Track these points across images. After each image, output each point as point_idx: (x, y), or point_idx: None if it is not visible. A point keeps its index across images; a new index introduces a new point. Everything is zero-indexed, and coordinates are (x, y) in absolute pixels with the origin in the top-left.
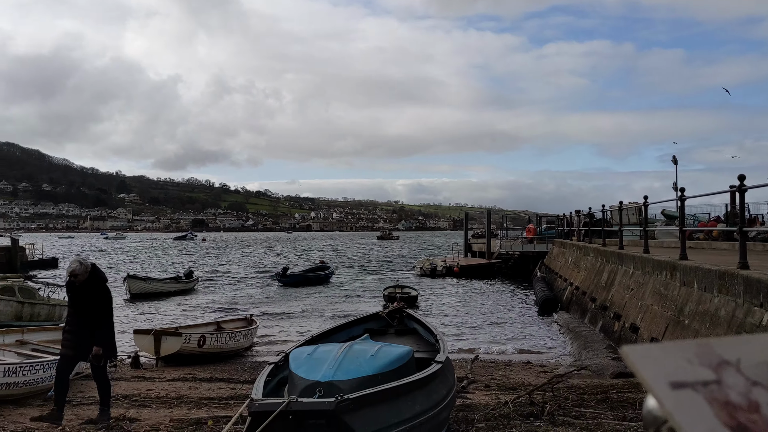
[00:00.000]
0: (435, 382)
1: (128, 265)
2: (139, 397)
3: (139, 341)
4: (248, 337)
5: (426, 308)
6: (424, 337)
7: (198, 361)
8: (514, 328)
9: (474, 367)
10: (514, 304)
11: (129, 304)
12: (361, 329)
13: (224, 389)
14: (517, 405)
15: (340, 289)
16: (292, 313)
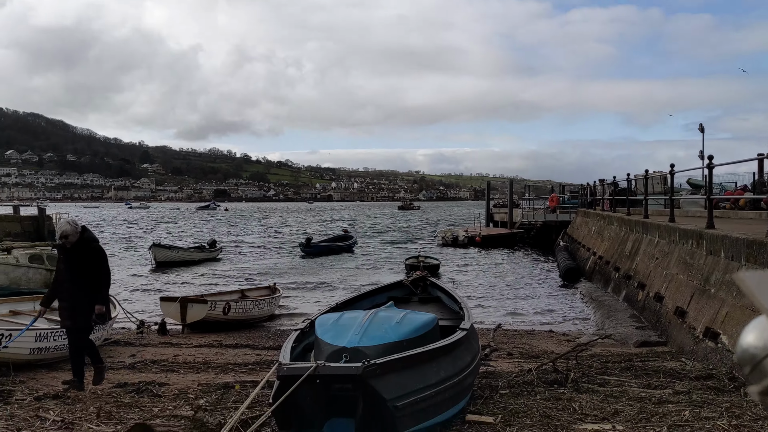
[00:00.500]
0: (460, 349)
1: (153, 234)
2: (167, 363)
3: (166, 308)
4: (272, 305)
5: (448, 278)
6: (447, 305)
7: (223, 328)
8: (537, 298)
9: (496, 335)
10: (536, 274)
11: (154, 272)
12: (385, 297)
13: (250, 355)
14: (541, 372)
15: (362, 259)
16: (315, 282)
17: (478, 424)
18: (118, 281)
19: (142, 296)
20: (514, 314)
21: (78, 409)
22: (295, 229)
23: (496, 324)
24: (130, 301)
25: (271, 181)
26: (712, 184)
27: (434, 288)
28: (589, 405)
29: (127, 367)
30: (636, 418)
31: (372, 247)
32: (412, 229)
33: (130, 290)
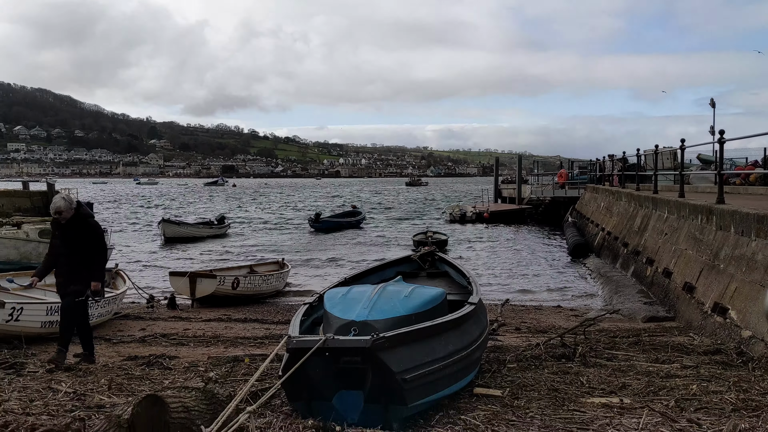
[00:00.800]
0: (468, 323)
1: (162, 209)
2: (177, 336)
3: (175, 283)
4: (280, 281)
5: (456, 253)
6: (456, 280)
7: (232, 302)
8: (545, 273)
9: (504, 310)
10: (544, 250)
11: (164, 247)
12: (393, 272)
13: (259, 329)
14: (549, 347)
15: (371, 235)
16: (324, 258)
17: (486, 397)
18: (128, 256)
19: (152, 271)
20: (522, 289)
21: (89, 381)
22: (303, 205)
23: (504, 299)
24: (140, 276)
25: (278, 157)
26: (723, 160)
27: (442, 263)
28: (596, 379)
29: (137, 340)
30: (643, 391)
31: (380, 223)
32: (420, 205)
33: (140, 265)
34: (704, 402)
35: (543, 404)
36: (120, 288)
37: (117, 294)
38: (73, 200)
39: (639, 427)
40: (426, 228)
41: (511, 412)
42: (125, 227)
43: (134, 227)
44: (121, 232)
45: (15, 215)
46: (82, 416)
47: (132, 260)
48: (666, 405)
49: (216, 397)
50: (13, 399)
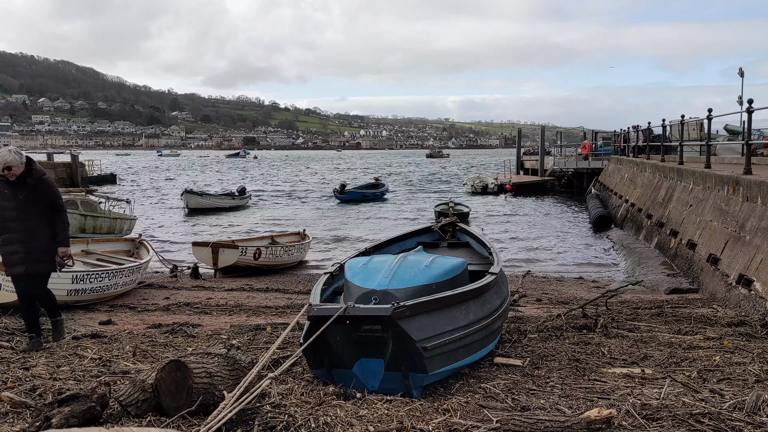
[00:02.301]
0: (489, 293)
1: (185, 180)
2: (200, 305)
3: (198, 253)
4: (302, 251)
5: (477, 225)
6: (477, 250)
7: (254, 273)
8: (567, 245)
9: (525, 281)
10: (567, 221)
11: (187, 218)
12: (414, 242)
13: (280, 299)
14: (570, 318)
15: (393, 206)
16: (346, 228)
17: (506, 367)
18: (152, 227)
19: (176, 240)
20: (544, 261)
21: (114, 348)
22: (325, 177)
23: (526, 270)
24: (164, 247)
25: (299, 129)
26: (751, 130)
27: (463, 233)
28: (618, 350)
29: (161, 309)
30: (665, 362)
31: (401, 195)
32: (441, 177)
33: (164, 235)
34: (727, 373)
35: (564, 374)
36: (144, 257)
37: (141, 263)
38: (23, 155)
39: (660, 396)
40: (448, 199)
41: (531, 381)
42: (149, 199)
43: (158, 199)
44: (144, 205)
45: None
46: (107, 381)
47: (156, 230)
48: (688, 376)
49: (238, 363)
50: (40, 365)
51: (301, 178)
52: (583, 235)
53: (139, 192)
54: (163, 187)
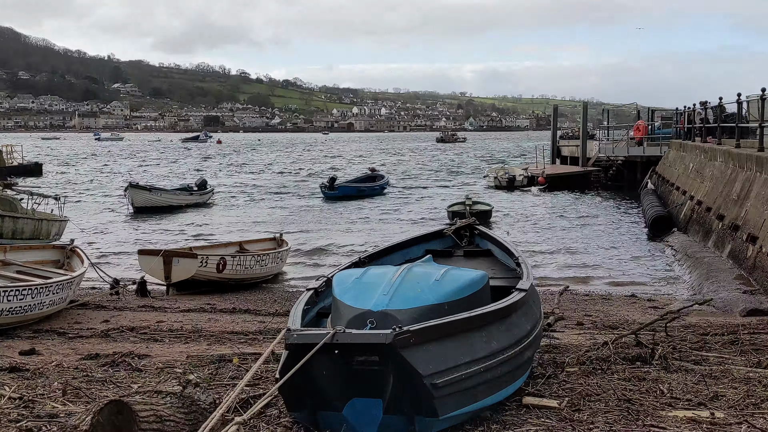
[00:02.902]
0: (516, 315)
1: (130, 171)
2: (148, 330)
3: (146, 264)
4: (278, 262)
5: (502, 227)
6: (501, 260)
7: (217, 289)
8: (616, 253)
9: (563, 300)
10: (615, 224)
11: (132, 219)
12: (421, 250)
13: (250, 323)
14: (620, 346)
15: (395, 203)
16: (335, 232)
17: (538, 409)
18: (87, 230)
19: (117, 249)
20: (586, 273)
21: (39, 385)
22: (308, 167)
23: (563, 285)
24: (102, 256)
25: (275, 106)
26: None
27: (484, 239)
28: (681, 387)
29: (99, 335)
30: (741, 403)
31: (405, 190)
32: (456, 167)
33: (102, 242)
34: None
35: (612, 418)
36: (77, 269)
37: (73, 277)
38: None
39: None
40: (464, 196)
41: (570, 427)
42: (83, 195)
43: (95, 195)
44: (79, 202)
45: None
46: (30, 427)
47: (92, 235)
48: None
49: (197, 405)
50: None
51: (277, 169)
52: (637, 241)
53: (72, 187)
54: (102, 181)
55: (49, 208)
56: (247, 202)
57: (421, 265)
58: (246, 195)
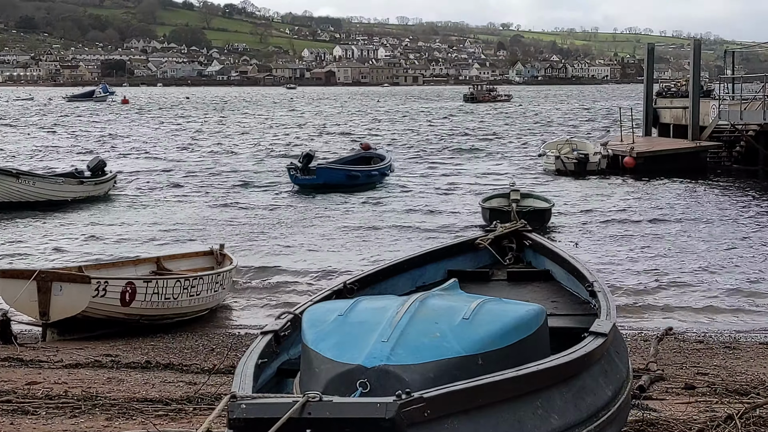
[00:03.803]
0: (590, 374)
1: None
2: (14, 396)
3: (11, 292)
4: (216, 289)
5: (568, 236)
6: (565, 288)
7: (122, 330)
8: (745, 277)
9: (662, 349)
10: (744, 231)
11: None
12: (441, 270)
13: (174, 384)
14: (753, 423)
15: (401, 198)
16: (307, 243)
17: None
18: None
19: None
20: (698, 307)
21: None
22: (267, 140)
23: (663, 327)
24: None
25: (213, 46)
26: None
27: (539, 253)
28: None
29: None
30: None
31: (415, 177)
32: (493, 140)
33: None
34: None
35: None
36: None
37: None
38: None
39: None
40: (509, 185)
41: None
42: None
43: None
44: None
45: None
46: None
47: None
48: None
49: None
50: None
51: (215, 143)
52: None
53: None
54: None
55: None
56: (169, 194)
57: (442, 295)
58: (166, 184)
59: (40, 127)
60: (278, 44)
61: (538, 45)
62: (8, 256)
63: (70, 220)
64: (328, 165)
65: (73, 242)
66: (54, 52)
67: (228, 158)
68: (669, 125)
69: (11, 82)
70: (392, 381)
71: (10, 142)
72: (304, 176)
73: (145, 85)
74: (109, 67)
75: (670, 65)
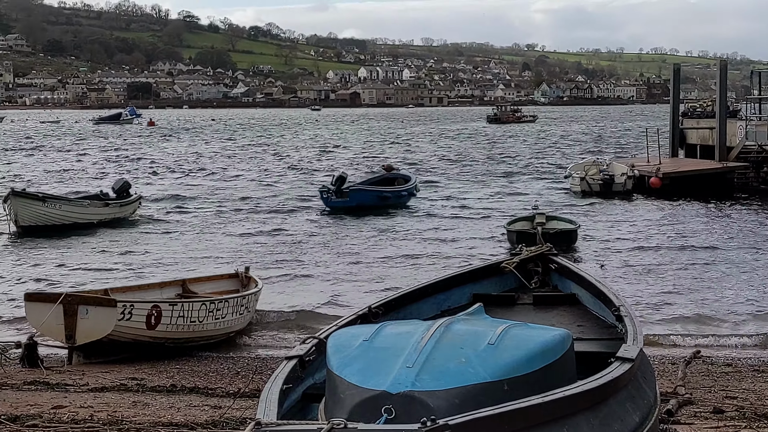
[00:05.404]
0: (618, 399)
1: (12, 171)
2: (40, 420)
3: (37, 315)
4: (242, 312)
5: (594, 258)
6: (592, 312)
7: (147, 353)
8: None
9: (690, 373)
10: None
11: (15, 244)
12: (466, 294)
13: (199, 408)
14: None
15: (426, 219)
16: (332, 266)
17: None
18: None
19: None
20: (727, 331)
21: None
22: (295, 159)
23: (691, 351)
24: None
25: (238, 68)
26: None
27: (565, 277)
28: None
29: None
30: None
31: (439, 198)
32: (518, 162)
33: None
34: None
35: None
36: None
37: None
38: None
39: None
40: (533, 208)
41: None
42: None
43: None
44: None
45: None
46: None
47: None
48: None
49: None
50: None
51: (245, 164)
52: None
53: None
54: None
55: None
56: (194, 217)
57: (467, 320)
58: (191, 206)
59: (66, 150)
60: (303, 66)
61: (563, 65)
62: (34, 280)
63: (95, 243)
64: (361, 187)
65: (98, 265)
66: (81, 75)
67: (255, 181)
68: (696, 146)
69: (39, 105)
70: (417, 407)
71: (36, 165)
72: (337, 199)
73: (170, 107)
74: (136, 90)
75: (697, 85)
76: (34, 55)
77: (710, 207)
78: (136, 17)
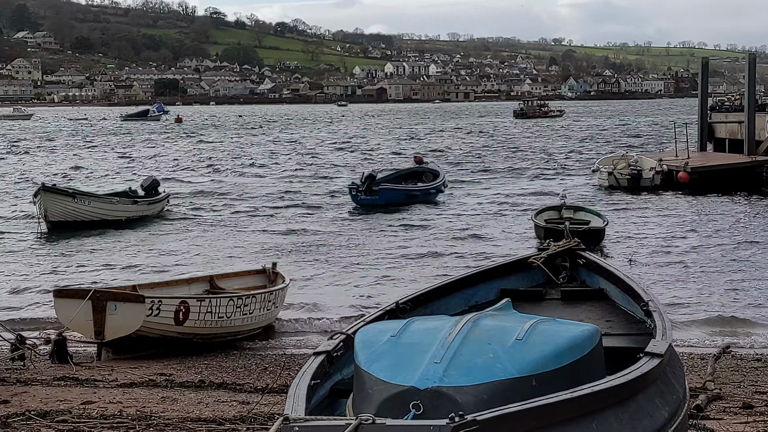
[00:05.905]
0: (647, 395)
1: (41, 166)
2: (70, 416)
3: (66, 311)
4: (269, 308)
5: (619, 253)
6: (621, 307)
7: (175, 349)
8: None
9: (720, 368)
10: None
11: (45, 240)
12: (493, 290)
13: (227, 404)
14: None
15: (455, 215)
16: (361, 260)
17: None
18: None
19: (21, 288)
20: (757, 324)
21: None
22: (321, 157)
23: (721, 345)
24: (1, 300)
25: (265, 64)
26: None
27: (593, 272)
28: None
29: None
30: None
31: (466, 193)
32: (545, 156)
33: (0, 276)
34: None
35: None
36: None
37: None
38: None
39: None
40: (560, 201)
41: None
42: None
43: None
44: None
45: None
46: None
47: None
48: None
49: None
50: None
51: (272, 160)
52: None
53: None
54: None
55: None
56: (222, 213)
57: (495, 316)
58: (219, 203)
59: (94, 147)
60: (329, 62)
61: (591, 60)
62: (63, 276)
63: (124, 240)
64: (390, 185)
65: (127, 261)
66: (108, 72)
67: (282, 177)
68: (724, 140)
69: (67, 102)
70: (445, 403)
71: (66, 161)
72: (366, 196)
73: (197, 103)
74: (163, 86)
75: (725, 79)
76: (62, 53)
77: (739, 201)
78: (163, 14)
